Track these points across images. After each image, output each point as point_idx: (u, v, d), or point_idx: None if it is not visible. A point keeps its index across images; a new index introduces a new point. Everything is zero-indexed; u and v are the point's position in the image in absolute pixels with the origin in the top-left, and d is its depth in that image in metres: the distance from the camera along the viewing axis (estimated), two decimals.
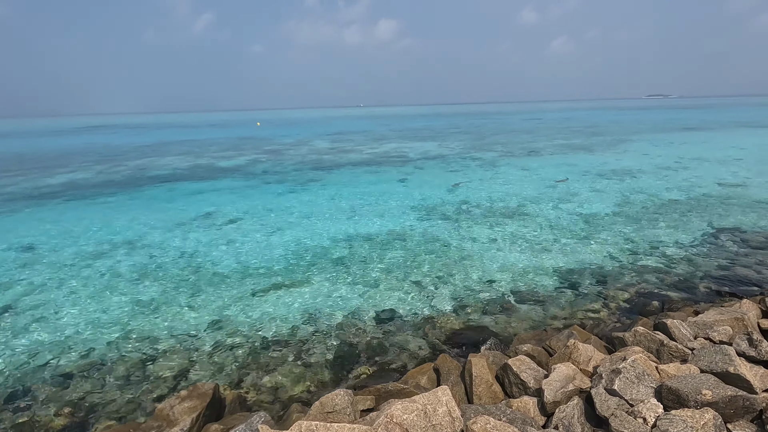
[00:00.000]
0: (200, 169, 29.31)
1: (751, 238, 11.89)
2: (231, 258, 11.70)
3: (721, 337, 4.42)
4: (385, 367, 6.72)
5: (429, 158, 31.43)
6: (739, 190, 17.68)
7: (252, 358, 7.22)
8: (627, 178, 21.26)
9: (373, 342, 7.50)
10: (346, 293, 9.42)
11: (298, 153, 37.73)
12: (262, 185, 22.54)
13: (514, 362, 4.19)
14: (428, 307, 8.72)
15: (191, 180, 24.64)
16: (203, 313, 8.76)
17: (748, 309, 5.01)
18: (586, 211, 15.27)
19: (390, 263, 10.98)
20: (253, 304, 9.09)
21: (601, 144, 37.64)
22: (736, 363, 3.53)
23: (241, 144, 49.36)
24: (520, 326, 7.88)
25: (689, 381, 3.38)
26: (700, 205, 15.52)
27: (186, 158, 35.93)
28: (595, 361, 4.09)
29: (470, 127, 70.13)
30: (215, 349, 7.53)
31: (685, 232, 12.61)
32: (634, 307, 8.29)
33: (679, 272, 9.84)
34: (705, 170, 22.66)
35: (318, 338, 7.72)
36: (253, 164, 30.80)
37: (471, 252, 11.55)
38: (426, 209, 16.22)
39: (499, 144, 40.34)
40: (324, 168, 28.01)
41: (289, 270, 10.77)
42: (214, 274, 10.65)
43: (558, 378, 3.77)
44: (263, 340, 7.76)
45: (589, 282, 9.55)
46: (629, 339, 4.50)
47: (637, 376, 3.56)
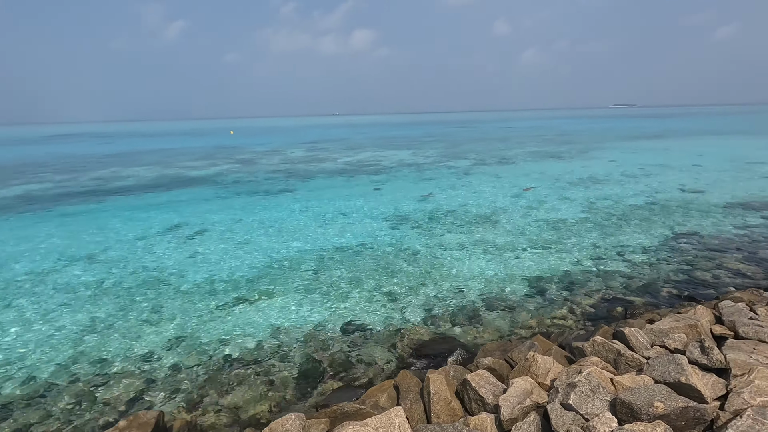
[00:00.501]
0: (168, 179, 28.48)
1: (709, 242, 12.32)
2: (195, 272, 11.30)
3: (675, 345, 4.47)
4: (351, 383, 6.54)
5: (403, 166, 31.54)
6: (698, 196, 18.39)
7: (212, 378, 6.91)
8: (594, 184, 21.83)
9: (339, 356, 7.31)
10: (314, 306, 9.20)
11: (271, 162, 37.23)
12: (232, 196, 22.04)
13: (473, 377, 4.11)
14: (397, 318, 8.61)
15: (158, 191, 23.89)
16: (162, 331, 8.37)
17: (701, 315, 5.11)
18: (554, 217, 15.54)
19: (360, 274, 10.83)
20: (217, 319, 8.75)
21: (570, 152, 38.68)
22: (687, 372, 3.55)
23: (213, 153, 48.38)
24: (488, 335, 7.85)
25: (642, 393, 3.37)
26: (662, 211, 16.04)
27: (154, 168, 34.90)
28: (553, 374, 4.05)
29: (445, 135, 71.02)
30: (173, 369, 7.19)
31: (648, 237, 12.96)
32: (599, 313, 8.40)
33: (641, 277, 10.07)
34: (667, 177, 23.51)
35: (282, 354, 7.48)
36: (225, 174, 30.16)
37: (442, 260, 11.53)
38: (398, 218, 16.17)
39: (473, 152, 40.91)
40: (297, 177, 27.68)
41: (256, 283, 10.47)
42: (175, 289, 10.24)
43: (515, 393, 3.71)
44: (225, 357, 7.46)
45: (557, 288, 9.65)
46: (588, 349, 4.50)
47: (592, 390, 3.53)
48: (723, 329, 4.78)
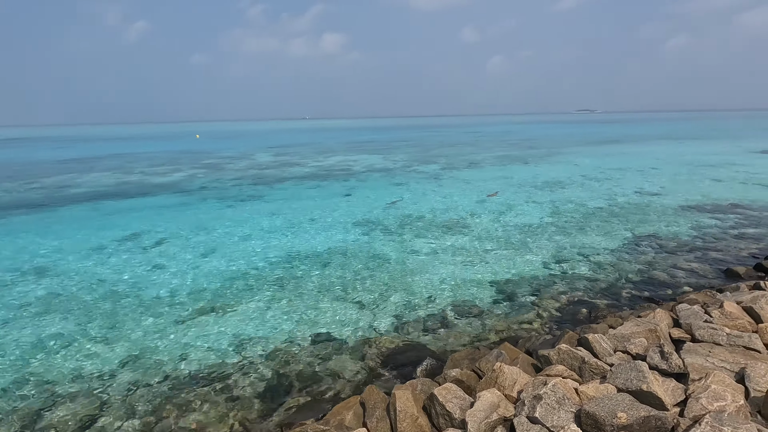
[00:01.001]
0: (129, 185, 27.29)
1: (666, 243, 12.85)
2: (154, 284, 10.79)
3: (637, 350, 4.58)
4: (318, 397, 6.35)
5: (374, 171, 31.48)
6: (654, 198, 19.21)
7: (171, 397, 6.56)
8: (558, 188, 22.45)
9: (306, 369, 7.10)
10: (281, 317, 8.94)
11: (239, 167, 36.37)
12: (197, 202, 21.31)
13: (440, 391, 4.05)
14: (367, 327, 8.48)
15: (118, 198, 22.82)
16: (117, 348, 7.91)
17: (660, 319, 5.26)
18: (521, 221, 15.84)
19: (329, 282, 10.63)
20: (177, 334, 8.36)
21: (535, 156, 39.75)
22: (648, 380, 3.62)
23: (178, 158, 46.82)
24: (458, 342, 7.84)
25: (606, 403, 3.39)
26: (623, 213, 16.64)
27: (114, 174, 33.40)
28: (519, 385, 4.04)
29: (415, 139, 71.57)
30: (129, 389, 6.78)
31: (610, 239, 13.39)
32: (565, 316, 8.56)
33: (604, 279, 10.36)
34: (626, 180, 24.49)
35: (247, 369, 7.20)
36: (190, 180, 29.19)
37: (412, 267, 11.49)
38: (369, 224, 16.05)
39: (443, 156, 41.37)
40: (265, 183, 27.12)
41: (221, 294, 10.09)
42: (133, 303, 9.73)
43: (482, 407, 3.66)
44: (186, 374, 7.11)
45: (524, 292, 9.78)
46: (554, 357, 4.53)
47: (558, 401, 3.53)
48: (681, 333, 4.93)
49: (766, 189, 20.88)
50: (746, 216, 15.80)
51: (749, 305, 5.18)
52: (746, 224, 14.69)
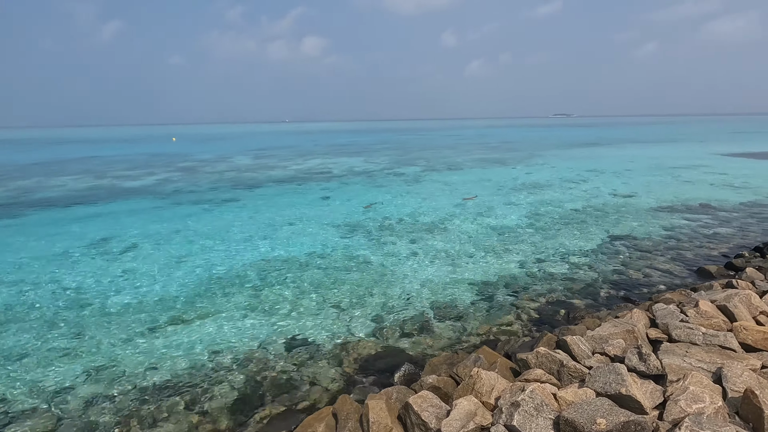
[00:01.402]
0: (100, 190, 26.33)
1: (641, 243, 13.05)
2: (123, 291, 10.32)
3: (615, 351, 4.52)
4: (292, 407, 6.10)
5: (354, 174, 31.27)
6: (629, 200, 19.60)
7: (135, 410, 6.20)
8: (536, 190, 22.70)
9: (281, 378, 6.83)
10: (256, 323, 8.64)
11: (216, 170, 35.61)
12: (172, 206, 20.68)
13: (416, 400, 3.88)
14: (345, 332, 8.26)
15: (87, 203, 21.96)
16: (79, 360, 7.47)
17: (638, 319, 5.24)
18: (500, 223, 15.88)
19: (307, 286, 10.37)
20: (145, 343, 7.96)
21: (514, 159, 40.24)
22: (627, 383, 3.54)
23: (152, 161, 45.59)
24: (438, 345, 7.70)
25: (585, 409, 3.29)
26: (599, 214, 16.89)
27: (84, 178, 32.22)
28: (497, 391, 3.91)
29: (396, 142, 71.68)
30: (89, 404, 6.38)
31: (587, 240, 13.53)
32: (544, 318, 8.53)
33: (582, 279, 10.41)
34: (602, 182, 24.96)
35: (219, 378, 6.88)
36: (164, 183, 28.38)
37: (392, 269, 11.33)
38: (348, 227, 15.83)
39: (423, 159, 41.47)
40: (244, 186, 26.59)
41: (193, 301, 9.70)
42: (99, 312, 9.26)
43: (458, 416, 3.51)
44: (154, 385, 6.75)
45: (503, 294, 9.73)
46: (532, 361, 4.43)
47: (536, 408, 3.42)
48: (658, 333, 4.91)
49: (734, 190, 21.58)
50: (716, 216, 16.24)
51: (723, 304, 5.21)
52: (716, 224, 15.09)
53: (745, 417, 3.35)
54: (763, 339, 4.50)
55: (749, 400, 3.31)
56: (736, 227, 14.69)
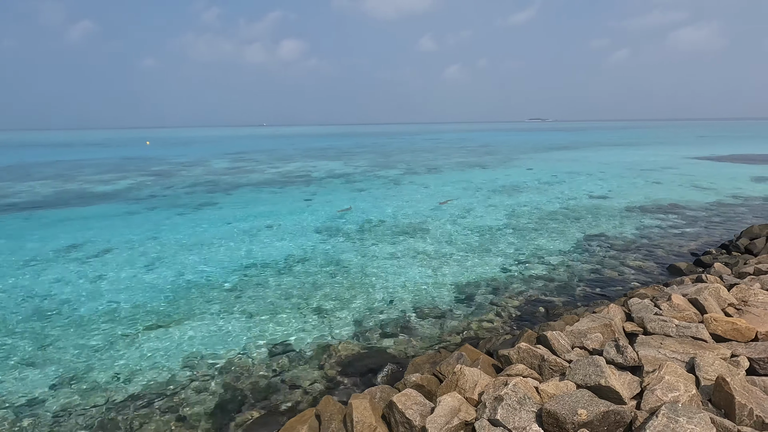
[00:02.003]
0: (69, 194, 25.41)
1: (615, 242, 13.42)
2: (95, 298, 9.96)
3: (594, 345, 4.63)
4: (274, 410, 6.00)
5: (334, 177, 31.14)
6: (603, 201, 20.16)
7: (112, 419, 5.98)
8: (514, 192, 23.10)
9: (262, 382, 6.71)
10: (236, 328, 8.47)
11: (193, 174, 34.87)
12: (145, 211, 20.11)
13: (400, 398, 3.87)
14: (326, 334, 8.18)
15: (55, 207, 21.15)
16: (49, 370, 7.16)
17: (614, 313, 5.38)
18: (480, 224, 16.07)
19: (288, 290, 10.24)
20: (120, 351, 7.69)
21: (492, 162, 40.87)
22: (606, 374, 3.62)
23: (125, 165, 44.32)
24: (420, 345, 7.72)
25: (566, 401, 3.36)
26: (574, 215, 17.30)
27: (52, 182, 31.04)
28: (480, 387, 3.94)
29: (375, 146, 71.79)
30: (61, 415, 6.12)
31: (564, 240, 13.83)
32: (524, 315, 8.66)
33: (560, 278, 10.62)
34: (577, 184, 25.60)
35: (197, 385, 6.71)
36: (138, 188, 27.61)
37: (373, 271, 11.30)
38: (328, 229, 15.73)
39: (402, 162, 41.65)
40: (221, 190, 26.11)
41: (171, 307, 9.44)
42: (69, 320, 8.91)
43: (443, 413, 3.52)
44: (128, 394, 6.52)
45: (484, 293, 9.83)
46: (513, 356, 4.49)
47: (519, 401, 3.46)
48: (634, 326, 5.05)
49: (700, 191, 22.47)
50: (684, 216, 16.86)
51: (694, 297, 5.41)
52: (684, 223, 15.66)
53: (717, 404, 3.47)
54: (732, 329, 4.69)
55: (721, 387, 3.44)
56: (703, 226, 15.29)
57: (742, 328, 4.65)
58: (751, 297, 5.46)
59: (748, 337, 4.66)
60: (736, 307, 5.34)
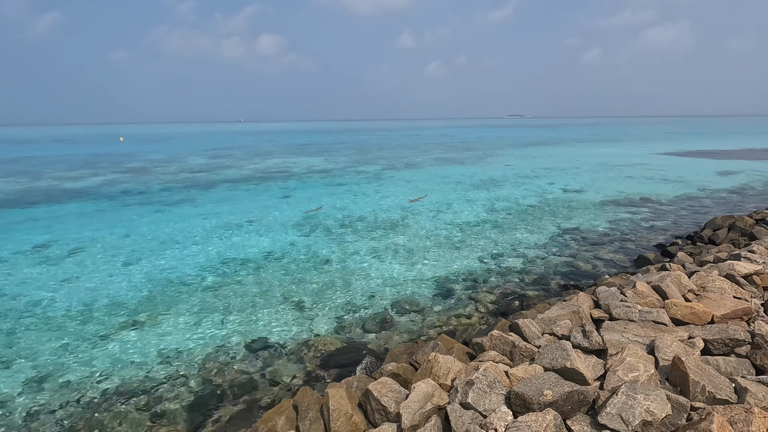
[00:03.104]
0: (36, 192, 24.53)
1: (588, 236, 13.84)
2: (66, 297, 9.71)
3: (562, 331, 4.82)
4: (253, 405, 6.01)
5: (314, 173, 30.97)
6: (579, 195, 20.71)
7: (85, 419, 5.88)
8: (492, 187, 23.48)
9: (240, 377, 6.71)
10: (214, 325, 8.40)
11: (168, 171, 34.10)
12: (119, 208, 19.61)
13: (376, 387, 3.96)
14: (306, 329, 8.21)
15: (22, 206, 20.40)
16: (17, 371, 6.98)
17: (583, 301, 5.61)
18: (459, 219, 16.30)
19: (267, 286, 10.20)
20: (92, 350, 7.55)
21: (471, 157, 41.36)
22: (572, 357, 3.80)
23: (96, 161, 42.97)
24: (399, 339, 7.83)
25: (533, 383, 3.51)
26: (550, 209, 17.73)
27: (17, 179, 29.88)
28: (453, 373, 4.07)
29: (355, 142, 71.60)
30: (31, 417, 5.99)
31: (539, 234, 14.17)
32: (499, 308, 8.87)
33: (534, 270, 10.91)
34: (553, 178, 26.19)
35: (174, 382, 6.66)
36: (110, 184, 26.86)
37: (352, 267, 11.36)
38: (308, 225, 15.69)
39: (382, 158, 41.71)
40: (197, 186, 25.65)
41: (146, 304, 9.29)
42: (39, 320, 8.67)
43: (417, 398, 3.63)
44: (102, 393, 6.42)
45: (461, 287, 10.01)
46: (486, 344, 4.64)
47: (489, 385, 3.60)
48: (600, 313, 5.28)
49: (669, 184, 23.33)
50: (654, 209, 17.50)
51: (657, 284, 5.68)
52: (654, 216, 16.26)
53: (673, 382, 3.68)
54: (690, 313, 4.95)
55: (677, 366, 3.65)
56: (672, 218, 15.91)
57: (699, 312, 4.92)
58: (709, 283, 5.77)
59: (704, 321, 4.93)
60: (695, 293, 5.63)
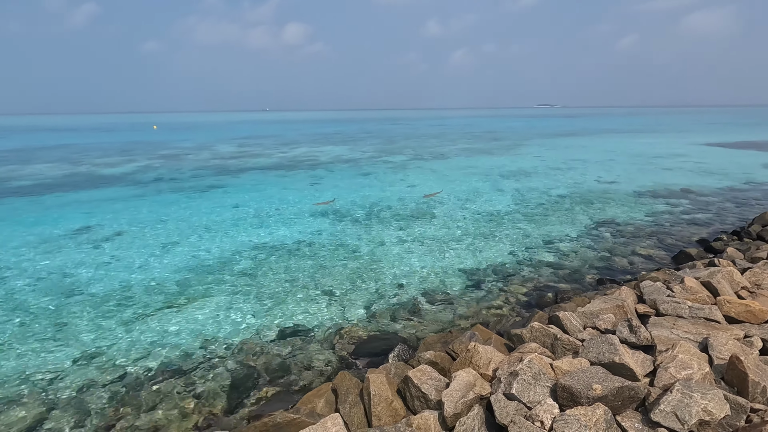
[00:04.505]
0: (77, 177, 25.60)
1: (624, 228, 13.37)
2: (108, 279, 10.12)
3: (606, 326, 4.67)
4: (288, 389, 6.13)
5: (341, 162, 31.10)
6: (613, 186, 20.01)
7: (129, 395, 6.14)
8: (523, 178, 22.97)
9: (274, 361, 6.84)
10: (248, 309, 8.59)
11: (199, 158, 34.94)
12: (154, 194, 20.25)
13: (415, 374, 3.95)
14: (337, 316, 8.28)
15: (65, 190, 21.33)
16: (69, 348, 7.33)
17: (626, 295, 5.41)
18: (488, 210, 16.05)
19: (297, 273, 10.34)
20: (135, 330, 7.85)
21: (499, 148, 40.56)
22: (620, 352, 3.67)
23: (132, 149, 44.45)
24: (429, 329, 7.80)
25: (581, 376, 3.41)
26: (584, 201, 17.21)
27: (60, 165, 31.24)
28: (494, 363, 4.01)
29: (381, 131, 71.38)
30: (82, 390, 6.29)
31: (572, 226, 13.79)
32: (532, 300, 8.70)
33: (568, 264, 10.63)
34: (586, 170, 25.40)
35: (211, 363, 6.85)
36: (145, 171, 27.75)
37: (381, 256, 11.37)
38: (336, 213, 15.79)
39: (409, 148, 41.44)
40: (228, 173, 26.19)
41: (182, 288, 9.58)
42: (84, 300, 9.07)
43: (458, 387, 3.59)
44: (144, 372, 6.68)
45: (492, 279, 9.87)
46: (526, 335, 4.55)
47: (534, 377, 3.52)
48: (646, 308, 5.08)
49: (712, 177, 22.23)
50: (695, 202, 16.73)
51: (707, 280, 5.42)
52: (695, 209, 15.54)
53: (729, 381, 3.52)
54: (745, 311, 4.71)
55: (734, 366, 3.48)
56: (715, 212, 15.18)
57: (755, 310, 4.67)
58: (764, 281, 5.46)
59: (761, 319, 4.68)
60: (749, 290, 5.35)
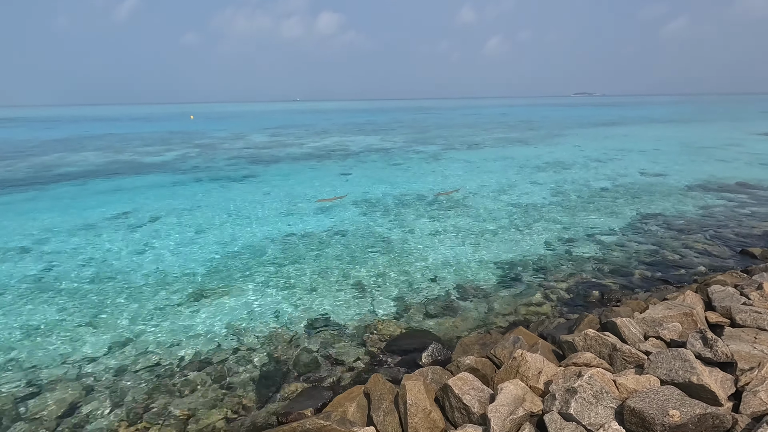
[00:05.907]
0: (119, 164, 26.52)
1: (673, 222, 12.45)
2: (145, 265, 10.29)
3: (671, 336, 4.17)
4: (317, 384, 5.96)
5: (372, 152, 30.82)
6: (659, 179, 18.78)
7: (162, 383, 6.14)
8: (560, 169, 21.96)
9: (304, 355, 6.68)
10: (279, 300, 8.50)
11: (234, 147, 35.53)
12: (191, 182, 20.67)
13: (456, 382, 3.62)
14: (368, 311, 8.05)
15: (107, 177, 22.12)
16: (107, 333, 7.45)
17: (693, 302, 4.85)
18: (524, 201, 15.38)
19: (328, 264, 10.17)
20: (169, 318, 7.90)
21: (535, 137, 39.10)
22: (698, 370, 3.20)
23: (170, 138, 45.78)
24: (464, 326, 7.44)
25: (653, 398, 2.98)
26: (627, 193, 16.22)
27: (103, 153, 32.51)
28: (546, 375, 3.63)
29: (412, 121, 70.51)
30: (117, 375, 6.35)
31: (616, 219, 12.98)
32: (575, 299, 8.16)
33: (613, 259, 9.96)
34: (629, 161, 24.01)
35: (243, 354, 6.78)
36: (182, 159, 28.43)
37: (413, 248, 11.04)
38: (368, 204, 15.55)
39: (441, 138, 40.64)
40: (261, 162, 26.46)
41: (215, 276, 9.61)
42: (122, 286, 9.24)
43: (505, 401, 3.23)
44: (178, 360, 6.69)
45: (530, 273, 9.37)
46: (579, 343, 4.11)
47: (595, 395, 3.12)
48: (717, 317, 4.52)
49: None
50: (754, 195, 15.42)
51: None
52: (755, 204, 14.31)
53: None
54: None
55: None
56: None
57: None
58: None
59: None
60: None
